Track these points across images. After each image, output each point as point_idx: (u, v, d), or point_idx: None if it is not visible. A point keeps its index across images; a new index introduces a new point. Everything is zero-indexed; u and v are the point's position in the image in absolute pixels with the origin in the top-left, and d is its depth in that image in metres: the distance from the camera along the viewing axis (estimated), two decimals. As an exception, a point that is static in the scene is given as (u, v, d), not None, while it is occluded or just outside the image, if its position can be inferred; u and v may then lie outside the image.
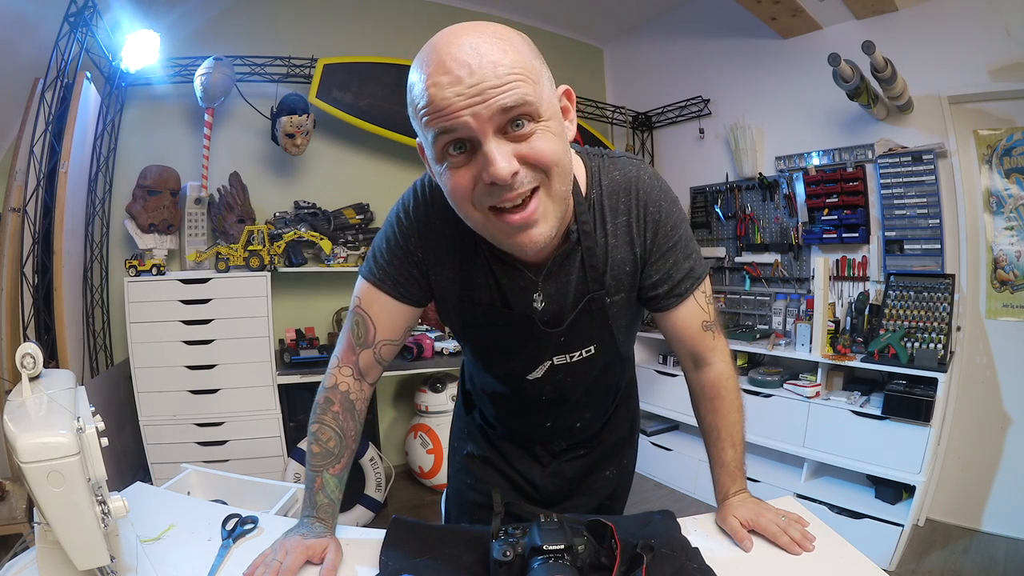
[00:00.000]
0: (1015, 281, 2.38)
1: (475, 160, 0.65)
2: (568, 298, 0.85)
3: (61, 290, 2.02)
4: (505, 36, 0.64)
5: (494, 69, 0.61)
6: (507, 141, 0.64)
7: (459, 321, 0.91)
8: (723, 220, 3.32)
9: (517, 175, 0.64)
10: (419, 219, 0.84)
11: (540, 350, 0.89)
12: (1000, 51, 2.27)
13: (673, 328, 0.91)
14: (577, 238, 0.81)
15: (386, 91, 2.83)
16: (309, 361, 2.57)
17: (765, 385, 2.73)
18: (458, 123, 0.62)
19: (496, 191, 0.65)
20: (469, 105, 0.61)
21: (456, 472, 1.17)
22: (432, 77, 0.61)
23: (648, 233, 0.83)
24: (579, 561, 0.68)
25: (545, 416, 1.01)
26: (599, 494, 1.11)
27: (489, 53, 0.61)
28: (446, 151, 0.65)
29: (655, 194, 0.83)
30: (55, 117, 2.03)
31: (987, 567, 2.17)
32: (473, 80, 0.60)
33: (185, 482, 1.46)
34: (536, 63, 0.66)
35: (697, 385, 0.95)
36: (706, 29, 3.34)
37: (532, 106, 0.63)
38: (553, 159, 0.66)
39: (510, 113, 0.62)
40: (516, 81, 0.62)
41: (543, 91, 0.66)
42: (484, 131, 0.62)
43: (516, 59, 0.63)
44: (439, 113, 0.62)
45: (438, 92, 0.61)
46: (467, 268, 0.84)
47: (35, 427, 0.61)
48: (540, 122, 0.65)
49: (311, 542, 0.78)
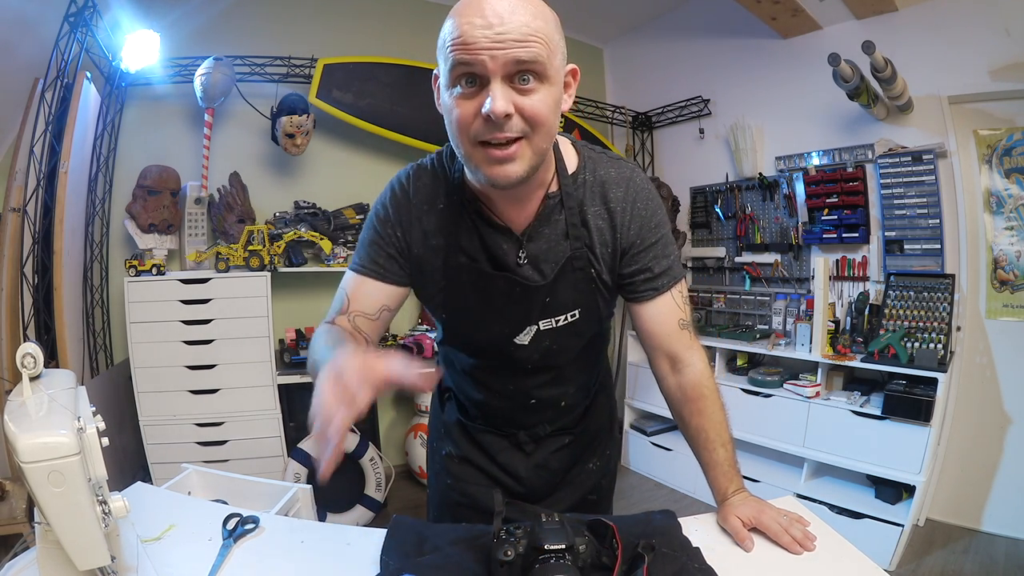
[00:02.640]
0: (1015, 281, 2.39)
1: (480, 96, 0.73)
2: (551, 257, 0.90)
3: (61, 290, 2.02)
4: (539, 5, 0.74)
5: (520, 27, 0.70)
6: (511, 89, 0.72)
7: (444, 288, 0.92)
8: (723, 220, 3.32)
9: (510, 119, 0.73)
10: (396, 207, 0.91)
11: (525, 311, 0.91)
12: (1000, 51, 2.27)
13: (651, 322, 0.93)
14: (560, 201, 0.88)
15: (386, 91, 2.83)
16: (309, 361, 2.57)
17: (765, 385, 2.73)
18: (477, 59, 0.70)
19: (489, 128, 0.73)
20: (491, 48, 0.69)
21: (436, 473, 1.17)
22: (468, 17, 0.71)
23: (634, 226, 0.90)
24: (580, 561, 0.68)
25: (530, 390, 1.01)
26: (583, 487, 1.12)
27: (521, 13, 0.71)
28: (459, 80, 0.73)
29: (644, 194, 0.91)
30: (55, 117, 2.03)
31: (987, 567, 2.17)
32: (502, 29, 0.69)
33: (185, 482, 1.46)
34: (556, 36, 0.76)
35: (677, 389, 0.95)
36: (706, 29, 3.34)
37: (542, 66, 0.72)
38: (542, 118, 0.75)
39: (522, 66, 0.71)
40: (536, 42, 0.71)
41: (555, 60, 0.75)
42: (496, 72, 0.71)
43: (541, 26, 0.72)
44: (465, 46, 0.70)
45: (470, 30, 0.70)
46: (454, 232, 0.90)
47: (35, 427, 0.61)
48: (544, 83, 0.74)
49: (350, 356, 0.65)
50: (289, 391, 2.53)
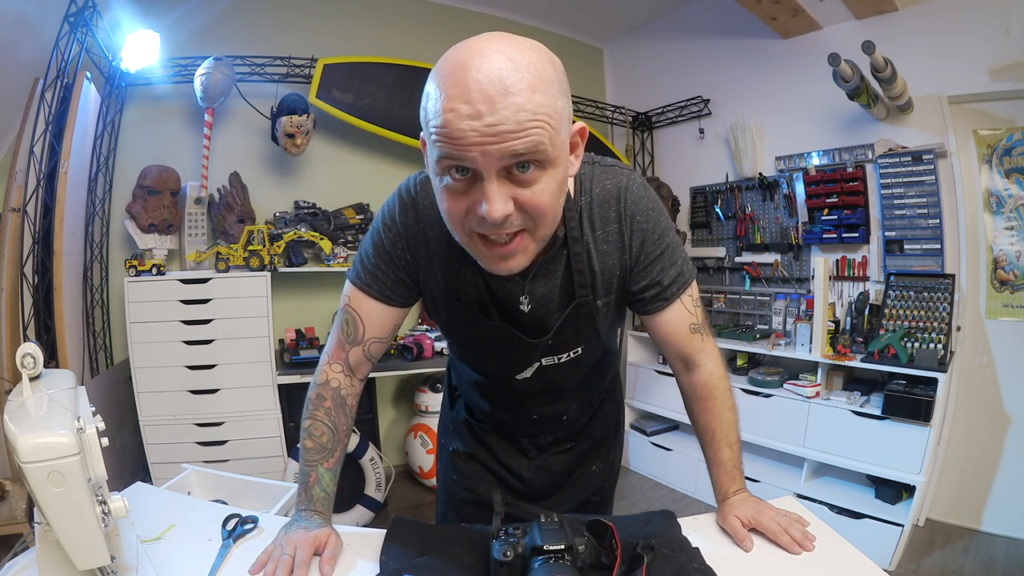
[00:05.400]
0: (1015, 281, 2.38)
1: (473, 190, 0.66)
2: (555, 301, 0.86)
3: (61, 290, 2.02)
4: (536, 67, 0.62)
5: (516, 113, 0.60)
6: (509, 182, 0.65)
7: (446, 320, 0.93)
8: (723, 220, 3.32)
9: (508, 217, 0.66)
10: (405, 224, 0.85)
11: (527, 355, 0.92)
12: (1000, 51, 2.27)
13: (662, 331, 0.92)
14: (564, 242, 0.83)
15: (386, 91, 2.83)
16: (309, 361, 2.57)
17: (765, 385, 2.73)
18: (467, 155, 0.62)
19: (486, 225, 0.67)
20: (482, 143, 0.60)
21: (443, 469, 1.18)
22: (451, 102, 0.60)
23: (636, 241, 0.85)
24: (580, 561, 0.68)
25: (531, 409, 1.03)
26: (585, 489, 1.12)
27: (515, 90, 0.59)
28: (448, 171, 0.66)
29: (643, 204, 0.84)
30: (55, 117, 2.03)
31: (987, 567, 2.17)
32: (493, 119, 0.59)
33: (185, 482, 1.46)
34: (561, 103, 0.65)
35: (689, 387, 0.96)
36: (706, 29, 3.34)
37: (543, 154, 0.64)
38: (545, 209, 0.68)
39: (520, 158, 0.63)
40: (535, 127, 0.61)
41: (559, 136, 0.65)
42: (489, 169, 0.63)
43: (542, 101, 0.61)
44: (451, 141, 0.61)
45: (455, 120, 0.60)
46: (455, 268, 0.85)
47: (35, 427, 0.61)
48: (546, 170, 0.66)
49: (316, 533, 0.79)
50: (289, 391, 2.53)
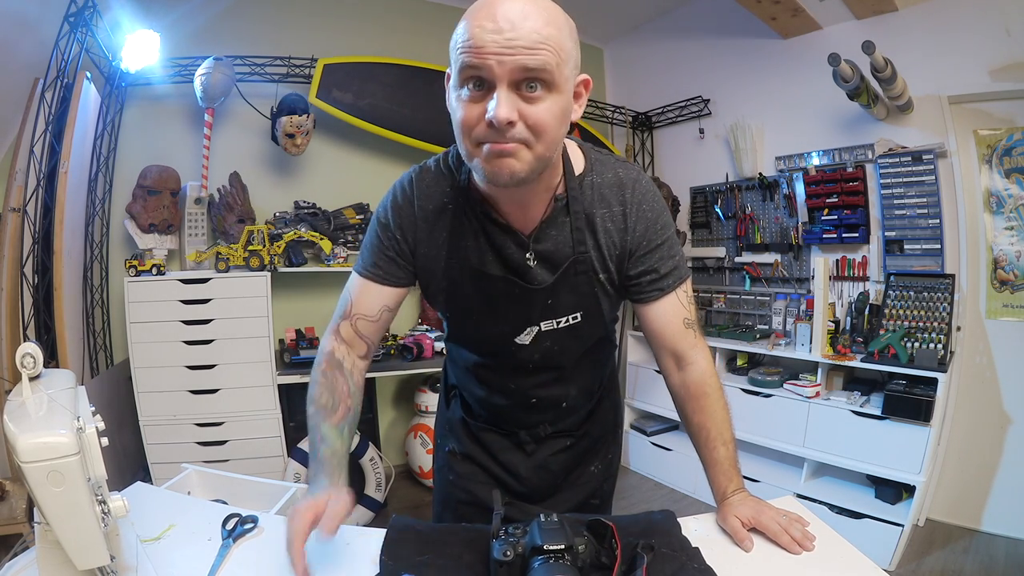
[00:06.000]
0: (1015, 281, 2.38)
1: (485, 100, 0.73)
2: (556, 261, 0.90)
3: (61, 290, 2.02)
4: (553, 12, 0.73)
5: (531, 33, 0.69)
6: (517, 96, 0.72)
7: (447, 286, 0.94)
8: (723, 220, 3.32)
9: (513, 126, 0.72)
10: (399, 208, 0.93)
11: (527, 312, 0.93)
12: (1000, 51, 2.27)
13: (656, 322, 0.94)
14: (566, 203, 0.88)
15: (386, 91, 2.83)
16: (309, 361, 2.53)
17: (765, 385, 2.73)
18: (484, 64, 0.70)
19: (491, 133, 0.73)
20: (499, 53, 0.69)
21: (439, 469, 1.19)
22: (480, 20, 0.70)
23: (640, 227, 0.91)
24: (580, 561, 0.68)
25: (531, 389, 1.02)
26: (584, 490, 1.13)
27: (533, 19, 0.70)
28: (467, 82, 0.74)
29: (649, 196, 0.92)
30: (55, 117, 2.03)
31: (987, 567, 2.17)
32: (511, 35, 0.69)
33: (185, 482, 1.46)
34: (569, 44, 0.75)
35: (681, 386, 0.96)
36: (706, 29, 3.34)
37: (549, 74, 0.71)
38: (546, 126, 0.74)
39: (529, 73, 0.70)
40: (545, 50, 0.70)
41: (565, 69, 0.74)
42: (502, 78, 0.71)
43: (553, 33, 0.71)
44: (474, 50, 0.70)
45: (480, 33, 0.70)
46: (458, 233, 0.91)
47: (35, 427, 0.61)
48: (551, 92, 0.73)
49: (313, 500, 0.77)
50: (289, 391, 2.53)
